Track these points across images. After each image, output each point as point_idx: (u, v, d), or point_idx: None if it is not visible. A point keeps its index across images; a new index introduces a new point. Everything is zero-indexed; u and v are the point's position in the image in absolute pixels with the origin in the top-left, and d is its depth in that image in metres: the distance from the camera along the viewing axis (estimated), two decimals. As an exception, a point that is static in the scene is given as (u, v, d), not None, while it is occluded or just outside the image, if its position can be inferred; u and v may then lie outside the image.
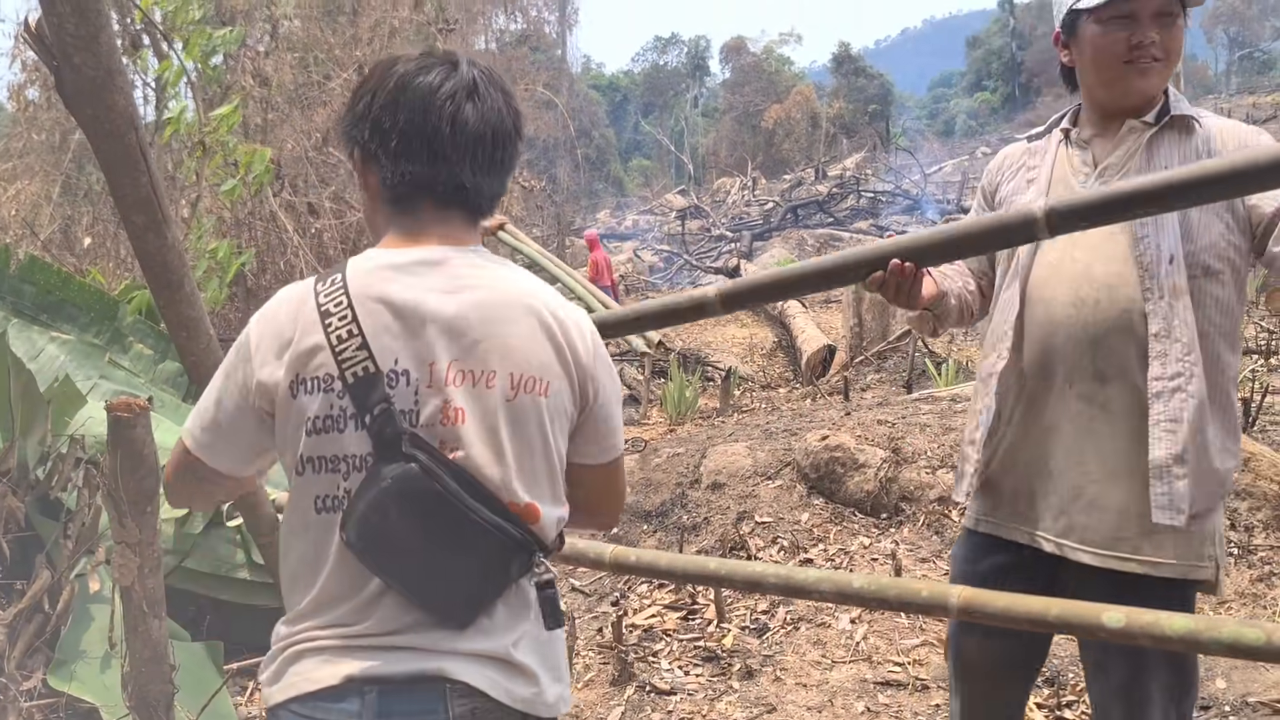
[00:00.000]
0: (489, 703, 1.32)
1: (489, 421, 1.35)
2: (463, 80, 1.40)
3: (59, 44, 1.92)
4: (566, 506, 1.47)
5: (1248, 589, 3.78)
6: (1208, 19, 63.20)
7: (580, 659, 3.76)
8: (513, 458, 1.36)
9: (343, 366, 1.32)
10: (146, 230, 2.24)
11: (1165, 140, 1.96)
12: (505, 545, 1.33)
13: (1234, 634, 1.54)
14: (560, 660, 1.45)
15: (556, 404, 1.40)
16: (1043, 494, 2.02)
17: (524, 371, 1.36)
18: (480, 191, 1.44)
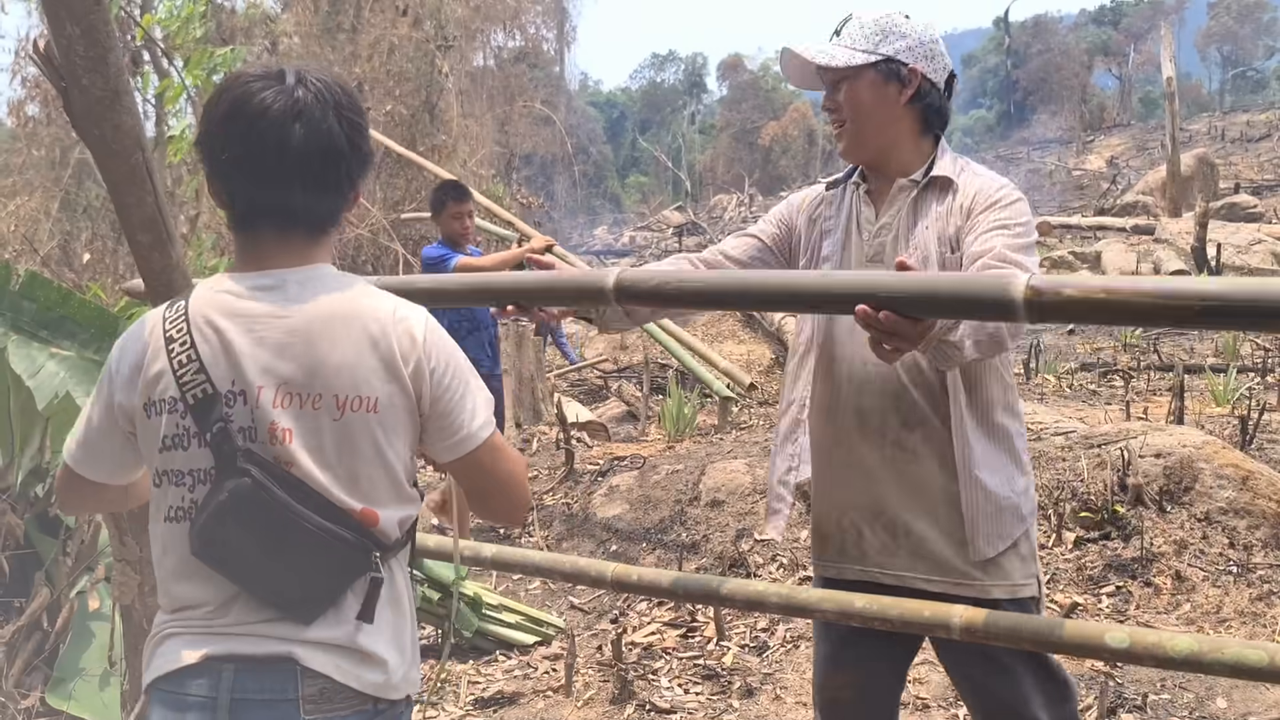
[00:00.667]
0: (335, 685, 1.42)
1: (316, 440, 1.43)
2: (290, 101, 1.43)
3: (67, 65, 1.93)
4: (414, 505, 1.54)
5: (1247, 608, 3.78)
6: (1201, 38, 63.66)
7: (580, 677, 3.75)
8: (345, 470, 1.44)
9: (184, 389, 1.42)
10: (152, 249, 2.25)
11: (928, 198, 2.06)
12: (341, 548, 1.42)
13: (1237, 655, 1.55)
14: (410, 644, 1.54)
15: (389, 416, 1.46)
16: (871, 533, 2.09)
17: (349, 392, 1.43)
18: (314, 211, 1.48)
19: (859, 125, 2.06)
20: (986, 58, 63.97)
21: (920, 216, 2.04)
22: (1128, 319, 1.49)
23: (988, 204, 1.98)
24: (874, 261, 2.07)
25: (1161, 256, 14.42)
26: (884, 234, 2.07)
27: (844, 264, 2.11)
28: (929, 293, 1.52)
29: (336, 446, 1.44)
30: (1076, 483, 4.47)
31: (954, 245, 1.99)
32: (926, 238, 2.02)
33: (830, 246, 2.13)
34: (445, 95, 14.23)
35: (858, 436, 2.08)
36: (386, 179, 13.29)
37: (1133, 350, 9.48)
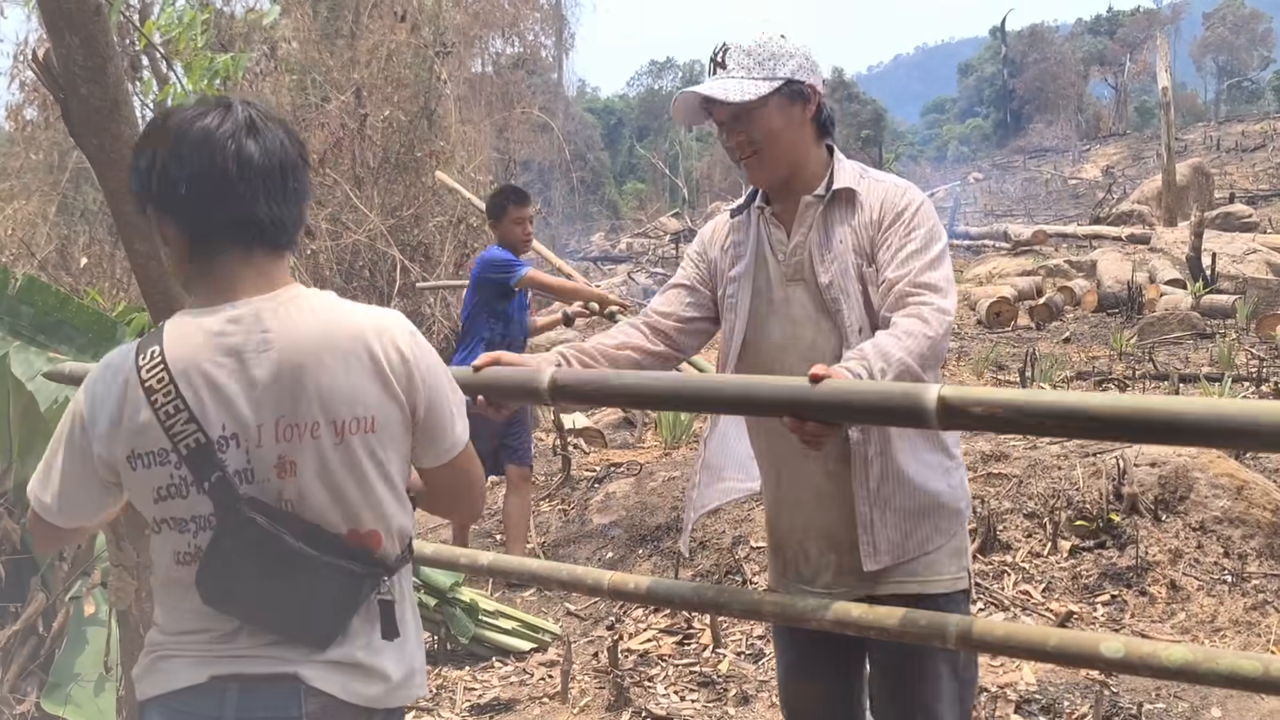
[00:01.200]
0: (337, 703, 1.45)
1: (320, 467, 1.44)
2: (238, 119, 1.45)
3: (66, 75, 1.94)
4: (411, 515, 1.58)
5: (1242, 617, 3.79)
6: (1197, 48, 63.87)
7: (576, 683, 3.75)
8: (350, 494, 1.46)
9: (175, 440, 1.40)
10: (149, 258, 2.26)
11: (836, 211, 2.09)
12: (350, 578, 1.46)
13: (1232, 665, 1.55)
14: (413, 652, 1.57)
15: (387, 433, 1.48)
16: (832, 549, 2.13)
17: (346, 416, 1.44)
18: (279, 223, 1.48)
19: (773, 151, 2.07)
20: (983, 66, 64.14)
21: (832, 230, 2.08)
22: (1026, 431, 1.60)
23: (895, 216, 2.04)
24: (794, 281, 2.10)
25: (1157, 265, 14.46)
26: (799, 252, 2.10)
27: (757, 285, 2.15)
28: (845, 403, 1.63)
29: (341, 472, 1.45)
30: (1072, 491, 4.48)
31: (869, 258, 2.04)
32: (842, 251, 2.06)
33: (739, 270, 2.16)
34: (443, 101, 14.24)
35: (805, 459, 2.09)
36: (385, 185, 13.28)
37: (1128, 359, 9.50)
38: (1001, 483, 4.73)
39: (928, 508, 2.07)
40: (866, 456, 2.05)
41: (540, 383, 1.91)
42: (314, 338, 1.44)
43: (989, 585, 4.17)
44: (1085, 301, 13.52)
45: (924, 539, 2.08)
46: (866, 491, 2.06)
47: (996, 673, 3.58)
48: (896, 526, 2.06)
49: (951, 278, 2.02)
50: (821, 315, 2.07)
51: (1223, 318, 11.43)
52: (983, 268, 18.55)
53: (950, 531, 2.11)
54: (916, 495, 2.06)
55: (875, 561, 2.06)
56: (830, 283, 2.05)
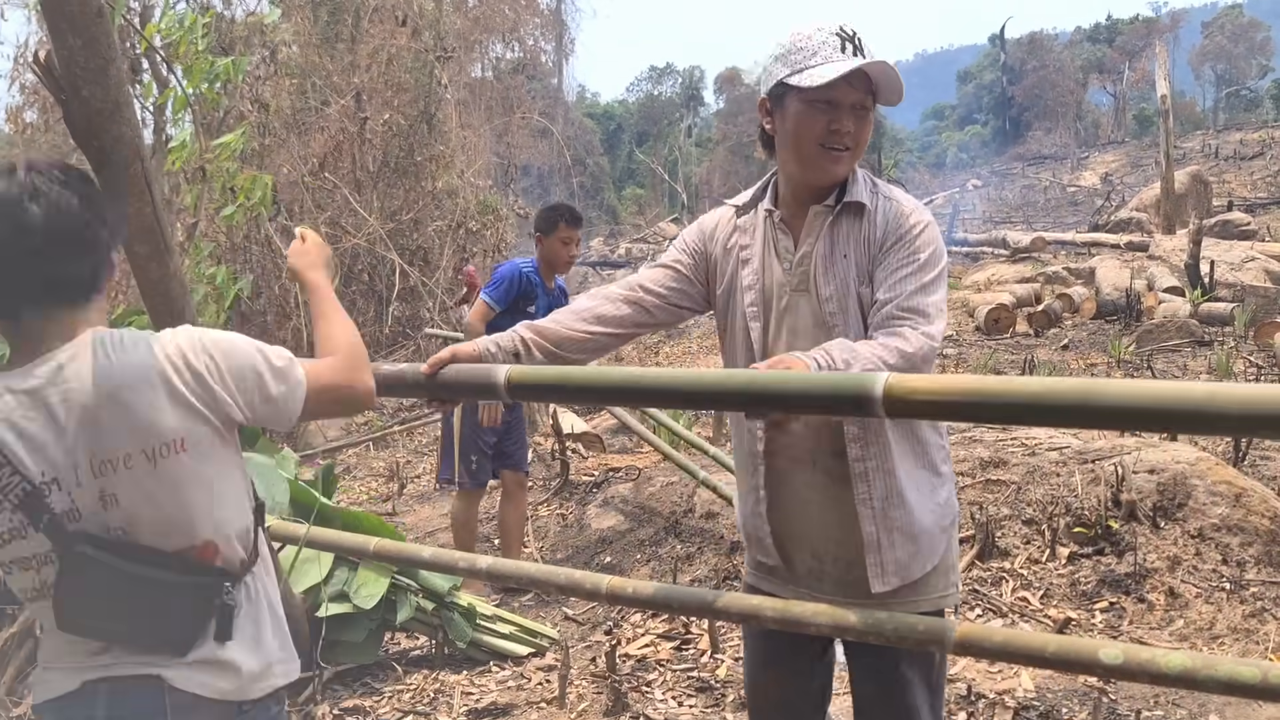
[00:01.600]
0: (198, 699, 1.58)
1: (141, 494, 1.53)
2: (18, 184, 1.51)
3: (68, 77, 1.94)
4: (249, 515, 1.69)
5: (1240, 625, 3.79)
6: (1195, 56, 64.02)
7: (574, 688, 3.75)
8: (177, 513, 1.56)
9: (5, 492, 1.51)
10: (149, 259, 2.26)
11: (844, 223, 2.06)
12: (196, 590, 1.58)
13: (1230, 672, 1.56)
14: (269, 646, 1.69)
15: (200, 448, 1.57)
16: (813, 556, 2.14)
17: (155, 442, 1.53)
18: (74, 281, 1.56)
19: (858, 154, 2.06)
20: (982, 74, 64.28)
21: (837, 244, 2.05)
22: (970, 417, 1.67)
23: (898, 238, 2.01)
24: (799, 291, 2.09)
25: (1155, 273, 14.47)
26: (806, 262, 2.07)
27: (767, 293, 2.12)
28: (793, 391, 1.66)
29: (162, 494, 1.54)
30: (1070, 498, 4.48)
31: (868, 277, 2.03)
32: (845, 267, 2.04)
33: (750, 276, 2.14)
34: (443, 106, 14.25)
35: (792, 465, 2.12)
36: (384, 189, 13.29)
37: (1126, 367, 9.50)
38: (1000, 489, 4.73)
39: (925, 528, 2.07)
40: (868, 474, 2.03)
41: (496, 379, 1.96)
42: (111, 375, 1.52)
43: (987, 591, 4.17)
44: (1084, 309, 13.53)
45: (925, 560, 2.08)
46: (871, 511, 2.04)
47: (995, 679, 3.58)
48: (903, 547, 2.05)
49: (943, 305, 2.01)
50: (819, 329, 2.05)
51: (1221, 325, 11.44)
52: (981, 274, 18.56)
53: (943, 548, 2.12)
54: (915, 516, 2.06)
55: (884, 584, 2.05)
56: (830, 296, 2.04)
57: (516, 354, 2.12)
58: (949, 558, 2.14)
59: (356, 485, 7.76)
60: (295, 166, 11.87)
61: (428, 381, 2.07)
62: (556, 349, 2.15)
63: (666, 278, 2.22)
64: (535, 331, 2.15)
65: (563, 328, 2.17)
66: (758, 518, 2.19)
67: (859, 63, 1.96)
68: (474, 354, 2.10)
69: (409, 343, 11.86)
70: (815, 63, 1.98)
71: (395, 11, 13.59)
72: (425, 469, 7.97)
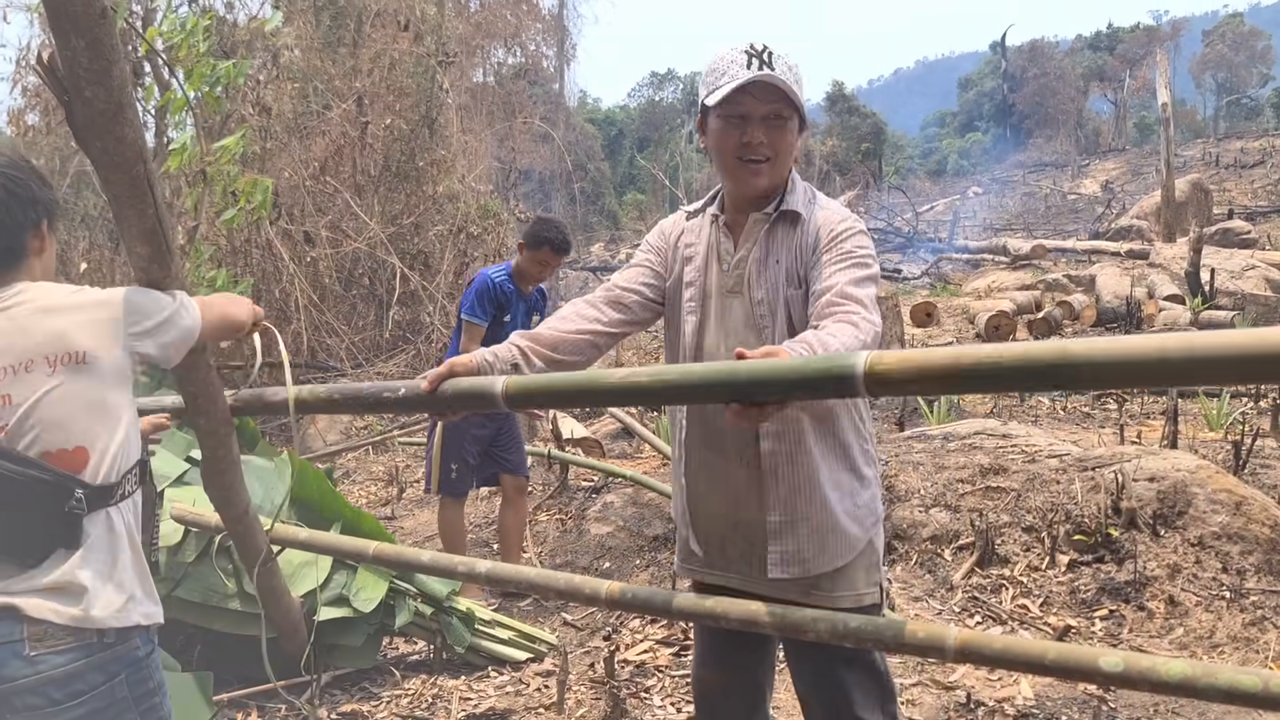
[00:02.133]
0: (52, 626, 1.69)
1: (28, 397, 1.72)
2: None
3: (71, 77, 1.93)
4: (122, 446, 1.82)
5: (1240, 633, 3.79)
6: (1196, 65, 64.08)
7: (572, 694, 3.74)
8: (56, 418, 1.73)
9: None
10: (151, 262, 2.25)
11: (779, 231, 2.16)
12: (41, 487, 1.69)
13: (1231, 680, 1.55)
14: (126, 580, 1.81)
15: (101, 367, 1.77)
16: (731, 543, 2.24)
17: (58, 350, 1.74)
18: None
19: (780, 163, 2.15)
20: (983, 81, 64.32)
21: (771, 250, 2.16)
22: (952, 388, 1.63)
23: (830, 239, 2.11)
24: (733, 293, 2.19)
25: (1155, 281, 14.48)
26: (741, 266, 2.19)
27: (705, 290, 2.24)
28: (779, 377, 1.69)
29: (49, 400, 1.72)
30: (1070, 505, 4.47)
31: (800, 281, 2.12)
32: (777, 272, 2.14)
33: (692, 273, 2.25)
34: (445, 110, 14.25)
35: (717, 450, 2.21)
36: (385, 193, 13.28)
37: (1127, 374, 9.49)
38: (1000, 496, 4.72)
39: (838, 527, 2.14)
40: (777, 468, 2.12)
41: (494, 391, 2.02)
42: (33, 304, 1.79)
43: (987, 599, 4.16)
44: (1084, 316, 13.54)
45: (834, 555, 2.14)
46: (777, 499, 2.13)
47: (994, 686, 3.57)
48: (808, 541, 2.13)
49: (875, 302, 2.08)
50: (750, 330, 2.16)
51: (1221, 333, 11.42)
52: (981, 281, 18.57)
53: (860, 546, 2.18)
54: (829, 514, 2.13)
55: (782, 571, 2.14)
56: (762, 299, 2.14)
57: (515, 364, 2.18)
58: (871, 557, 2.20)
59: (356, 489, 7.75)
60: (296, 170, 11.86)
61: (430, 398, 2.12)
62: (554, 353, 2.22)
63: (639, 275, 2.34)
64: (531, 340, 2.22)
65: (557, 333, 2.24)
66: (680, 504, 2.33)
67: (751, 76, 2.05)
68: (472, 367, 2.15)
69: (409, 347, 11.85)
70: (724, 81, 2.08)
71: (398, 16, 13.60)
72: (424, 473, 7.97)
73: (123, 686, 1.76)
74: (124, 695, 1.76)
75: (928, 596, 4.25)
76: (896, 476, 5.03)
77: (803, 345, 1.84)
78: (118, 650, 1.76)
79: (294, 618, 3.59)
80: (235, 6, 12.21)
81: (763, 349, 1.77)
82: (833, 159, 46.43)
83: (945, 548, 4.56)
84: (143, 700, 1.80)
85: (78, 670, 1.70)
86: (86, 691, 1.70)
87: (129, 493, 1.85)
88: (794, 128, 2.14)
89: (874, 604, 2.21)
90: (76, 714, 1.69)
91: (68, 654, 1.70)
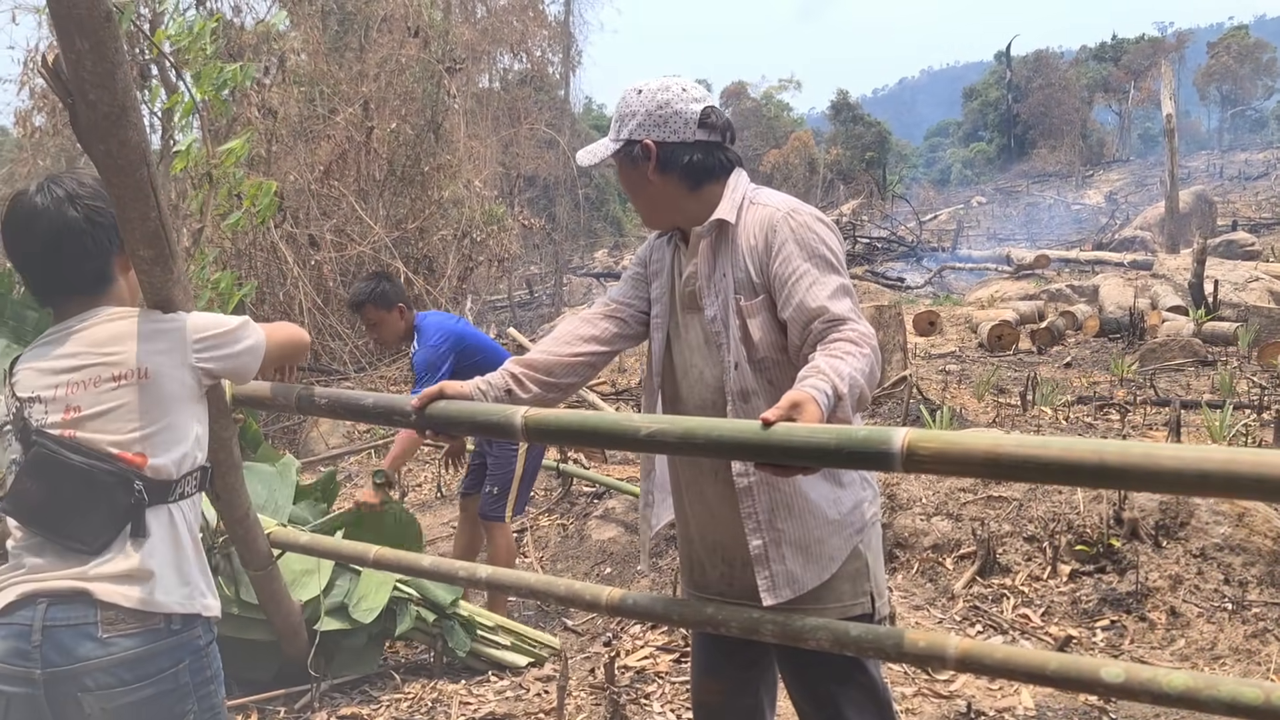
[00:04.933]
0: (123, 610, 1.80)
1: (97, 407, 1.85)
2: (27, 205, 1.93)
3: (75, 79, 1.93)
4: (191, 458, 1.95)
5: (1242, 645, 3.77)
6: (1201, 76, 64.12)
7: (572, 699, 3.73)
8: (114, 428, 1.85)
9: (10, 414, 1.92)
10: (154, 264, 2.25)
11: (720, 243, 2.15)
12: (107, 479, 1.82)
13: (1233, 692, 1.55)
14: (190, 571, 1.92)
15: (162, 384, 1.89)
16: (710, 565, 2.24)
17: (123, 368, 1.87)
18: (78, 277, 1.96)
19: (637, 203, 2.21)
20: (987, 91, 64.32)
21: (717, 262, 2.15)
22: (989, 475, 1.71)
23: (781, 242, 2.06)
24: (689, 310, 2.21)
25: (1159, 292, 14.46)
26: (692, 282, 2.21)
27: (669, 307, 2.27)
28: (810, 447, 1.66)
29: (113, 410, 1.85)
30: (1072, 515, 4.47)
31: (752, 289, 2.09)
32: (725, 285, 2.13)
33: (658, 289, 2.30)
34: (450, 116, 14.28)
35: (697, 474, 2.20)
36: (390, 198, 13.31)
37: (1129, 385, 9.48)
38: (1001, 506, 4.71)
39: (821, 537, 2.10)
40: (751, 489, 2.08)
41: (514, 419, 2.01)
42: (108, 325, 1.94)
43: (988, 608, 4.15)
44: (1087, 326, 13.52)
45: (821, 568, 2.11)
46: (757, 523, 2.09)
47: (995, 696, 3.56)
48: (793, 558, 2.10)
49: (856, 303, 2.05)
50: (708, 345, 2.16)
51: (1224, 345, 11.42)
52: (984, 291, 18.56)
53: (843, 556, 2.13)
54: (809, 524, 2.09)
55: (774, 596, 2.10)
56: (714, 316, 2.13)
57: (509, 390, 2.18)
58: (854, 565, 2.15)
59: (358, 492, 7.75)
60: (302, 174, 11.89)
61: (417, 417, 2.12)
62: (549, 377, 2.22)
63: (631, 287, 2.36)
64: (525, 366, 2.21)
65: (551, 355, 2.23)
66: (644, 521, 2.36)
67: (580, 155, 2.21)
68: (464, 392, 2.15)
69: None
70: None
71: (405, 22, 13.63)
72: (426, 477, 7.97)
73: (185, 673, 1.86)
74: (186, 681, 1.86)
75: (929, 605, 4.24)
76: (898, 485, 5.03)
77: (820, 377, 1.81)
78: (183, 637, 1.86)
79: (294, 621, 3.59)
80: (242, 10, 12.24)
81: (787, 399, 1.72)
82: (837, 168, 46.46)
83: (946, 556, 4.55)
84: (201, 687, 1.90)
85: (147, 654, 1.81)
86: (154, 674, 1.81)
87: (189, 493, 1.96)
88: (622, 168, 2.17)
89: (864, 614, 2.16)
90: (144, 694, 1.79)
91: (137, 638, 1.80)
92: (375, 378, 10.93)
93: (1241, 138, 54.34)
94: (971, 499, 4.80)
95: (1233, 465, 1.31)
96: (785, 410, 1.70)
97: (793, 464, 1.69)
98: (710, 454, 1.90)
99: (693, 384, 2.20)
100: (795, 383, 1.84)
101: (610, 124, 2.20)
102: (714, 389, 2.15)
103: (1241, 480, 1.31)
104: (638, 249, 2.42)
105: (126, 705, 1.78)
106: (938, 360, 11.77)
